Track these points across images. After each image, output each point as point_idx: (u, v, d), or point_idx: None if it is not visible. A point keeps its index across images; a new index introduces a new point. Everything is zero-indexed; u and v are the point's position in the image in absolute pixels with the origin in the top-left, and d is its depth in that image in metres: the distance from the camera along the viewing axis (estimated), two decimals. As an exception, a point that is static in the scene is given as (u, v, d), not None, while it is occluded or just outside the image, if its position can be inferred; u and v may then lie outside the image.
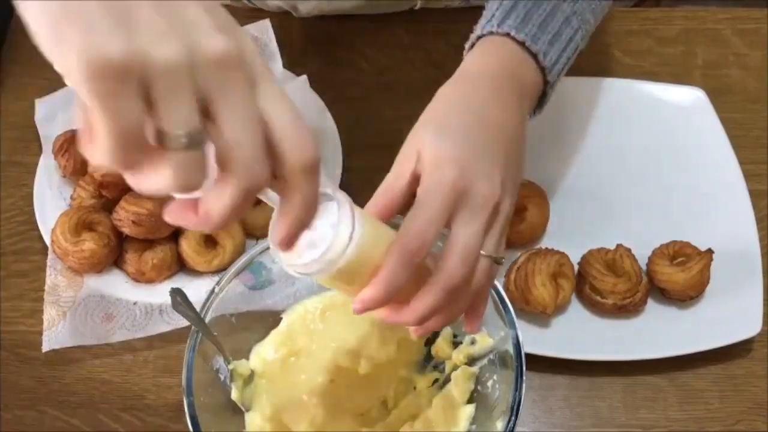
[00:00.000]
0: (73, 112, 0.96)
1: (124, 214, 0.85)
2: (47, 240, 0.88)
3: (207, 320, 0.73)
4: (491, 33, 0.72)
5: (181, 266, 0.89)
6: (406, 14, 1.05)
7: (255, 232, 0.90)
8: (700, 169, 0.93)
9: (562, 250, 0.86)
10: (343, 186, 0.91)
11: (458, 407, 0.76)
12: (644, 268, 0.86)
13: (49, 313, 0.85)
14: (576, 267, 0.86)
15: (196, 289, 0.85)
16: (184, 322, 0.81)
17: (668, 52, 1.02)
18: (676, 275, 0.84)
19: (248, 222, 0.89)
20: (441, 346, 0.78)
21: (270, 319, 0.79)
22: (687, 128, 0.95)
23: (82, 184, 0.89)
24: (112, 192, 0.87)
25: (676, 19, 1.05)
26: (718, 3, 1.08)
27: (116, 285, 0.87)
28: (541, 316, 0.84)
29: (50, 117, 0.96)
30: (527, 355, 0.70)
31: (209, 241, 0.88)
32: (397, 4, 1.03)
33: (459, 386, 0.76)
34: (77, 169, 0.90)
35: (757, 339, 0.84)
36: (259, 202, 0.92)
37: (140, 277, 0.87)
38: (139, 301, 0.86)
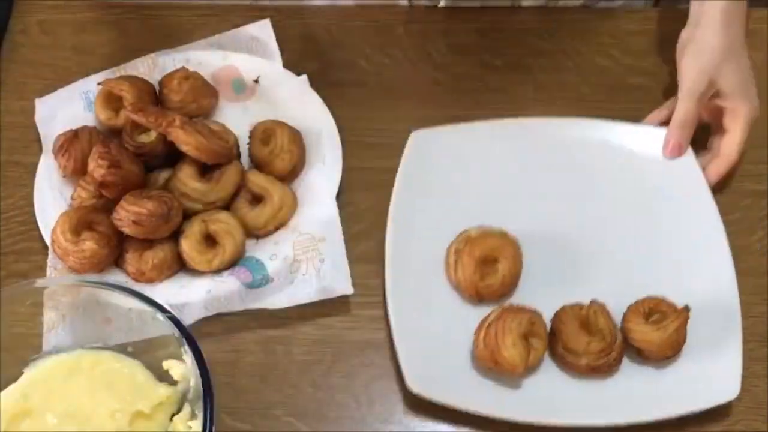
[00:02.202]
0: (73, 111, 0.96)
1: (125, 214, 0.85)
2: (47, 240, 0.88)
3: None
4: None
5: (181, 266, 0.89)
6: (406, 14, 1.05)
7: (255, 232, 0.90)
8: (680, 221, 0.90)
9: (536, 303, 0.83)
10: (343, 186, 0.91)
11: None
12: (620, 323, 0.83)
13: (49, 315, 0.84)
14: (549, 324, 0.84)
15: (197, 289, 0.85)
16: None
17: (668, 53, 1.02)
18: (650, 334, 0.80)
19: (248, 222, 0.89)
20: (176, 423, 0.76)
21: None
22: (667, 178, 0.92)
23: (83, 184, 0.89)
24: (113, 192, 0.87)
25: (676, 19, 1.05)
26: (718, 3, 1.08)
27: (116, 285, 0.87)
28: (511, 376, 0.81)
29: (50, 117, 0.96)
30: (498, 420, 0.69)
31: (209, 241, 0.88)
32: None
33: None
34: (77, 168, 0.90)
35: (757, 339, 0.84)
36: (260, 201, 0.93)
37: (140, 277, 0.87)
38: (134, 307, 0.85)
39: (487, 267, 0.85)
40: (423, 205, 0.90)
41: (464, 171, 0.93)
